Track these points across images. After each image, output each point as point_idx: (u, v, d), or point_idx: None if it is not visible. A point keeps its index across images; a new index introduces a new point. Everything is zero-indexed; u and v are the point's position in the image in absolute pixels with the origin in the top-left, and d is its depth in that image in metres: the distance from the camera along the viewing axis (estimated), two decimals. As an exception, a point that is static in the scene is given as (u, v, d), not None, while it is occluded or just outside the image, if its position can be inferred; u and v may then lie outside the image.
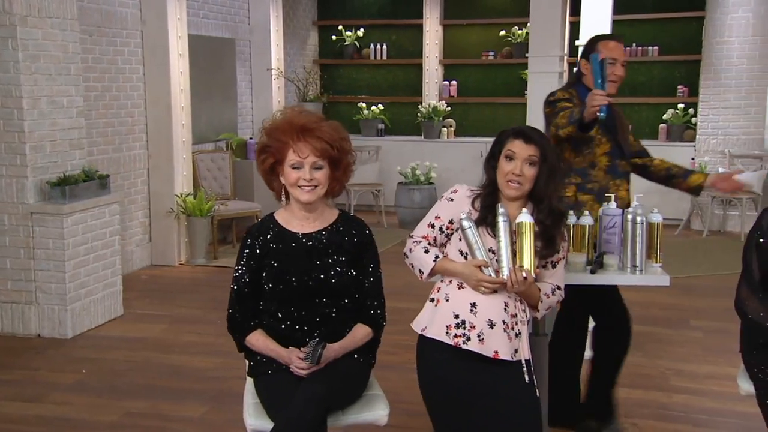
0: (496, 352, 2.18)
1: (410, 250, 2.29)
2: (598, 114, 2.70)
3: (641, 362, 4.11)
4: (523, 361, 2.23)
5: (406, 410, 3.62)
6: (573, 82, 3.21)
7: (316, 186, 2.27)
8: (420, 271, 2.28)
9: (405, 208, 7.87)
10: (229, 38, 7.22)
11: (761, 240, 2.23)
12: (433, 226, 2.29)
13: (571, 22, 7.13)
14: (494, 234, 2.21)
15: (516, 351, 2.21)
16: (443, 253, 2.28)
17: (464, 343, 2.17)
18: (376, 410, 2.28)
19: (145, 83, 5.96)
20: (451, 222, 2.27)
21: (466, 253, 2.23)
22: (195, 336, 4.51)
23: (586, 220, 2.70)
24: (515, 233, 2.19)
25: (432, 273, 2.27)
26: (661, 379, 3.89)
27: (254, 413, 2.22)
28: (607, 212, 2.79)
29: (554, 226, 2.27)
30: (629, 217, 2.69)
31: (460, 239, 2.24)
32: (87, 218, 4.54)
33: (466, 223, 2.19)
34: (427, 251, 2.26)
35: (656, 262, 2.73)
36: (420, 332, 2.28)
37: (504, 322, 2.20)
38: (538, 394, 2.27)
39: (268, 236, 2.34)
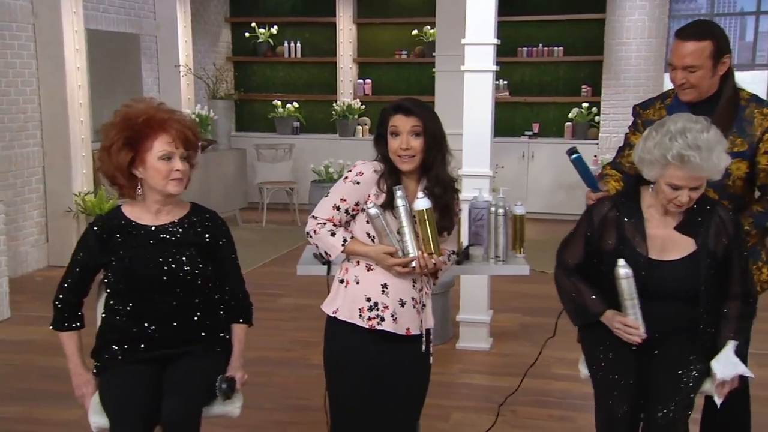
0: (408, 329, 2.24)
1: (314, 231, 2.23)
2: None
3: (527, 352, 4.21)
4: (424, 331, 2.30)
5: (294, 405, 3.64)
6: None
7: (183, 177, 2.23)
8: (326, 253, 2.25)
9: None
10: (134, 33, 7.06)
11: (589, 233, 2.32)
12: (338, 208, 2.23)
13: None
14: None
15: (421, 322, 2.29)
16: (350, 234, 2.25)
17: (378, 324, 2.20)
18: (230, 403, 2.26)
19: (39, 79, 5.77)
20: (357, 204, 2.23)
21: (374, 236, 2.23)
22: (84, 338, 4.38)
23: None
24: (416, 219, 2.19)
25: (338, 253, 2.25)
26: (544, 367, 3.99)
27: (98, 410, 2.19)
28: (475, 205, 2.86)
29: (446, 195, 2.26)
30: (492, 209, 2.77)
31: (367, 222, 2.22)
32: (-33, 218, 4.36)
33: (373, 212, 2.16)
34: (333, 234, 2.21)
35: (519, 253, 2.82)
36: (332, 314, 2.26)
37: (413, 298, 2.25)
38: (431, 361, 2.37)
39: (116, 231, 2.27)
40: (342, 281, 2.27)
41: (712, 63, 2.41)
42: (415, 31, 8.66)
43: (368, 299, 2.21)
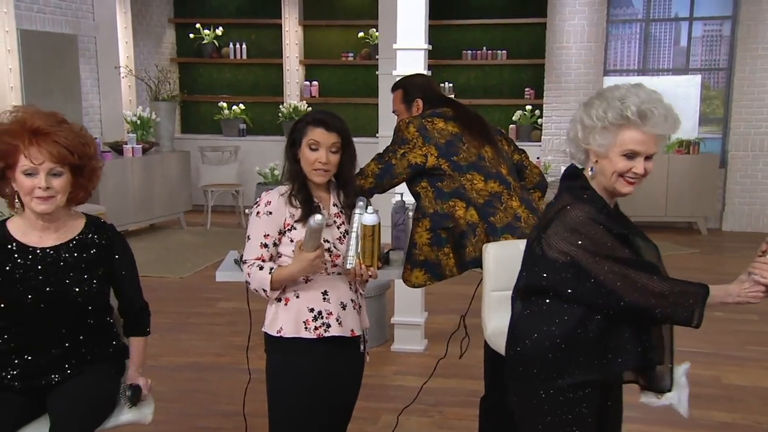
0: (353, 330, 2.27)
1: (248, 275, 2.20)
2: None
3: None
4: (363, 331, 2.33)
5: (222, 411, 3.62)
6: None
7: (53, 195, 2.06)
8: (263, 289, 2.20)
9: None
10: (71, 34, 6.92)
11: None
12: (265, 245, 2.21)
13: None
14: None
15: (360, 323, 2.32)
16: (275, 264, 2.24)
17: (326, 331, 2.21)
18: (140, 409, 2.24)
19: (-31, 80, 5.63)
20: (279, 232, 2.23)
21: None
22: None
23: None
24: (361, 233, 2.20)
25: (273, 286, 2.19)
26: (476, 368, 4.04)
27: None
28: (395, 210, 2.90)
29: (359, 198, 2.32)
30: (410, 214, 2.80)
31: (291, 241, 2.21)
32: None
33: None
34: (261, 268, 2.19)
35: (439, 257, 2.85)
36: (276, 335, 2.23)
37: (352, 300, 2.28)
38: (367, 360, 2.41)
39: None
40: (279, 300, 2.25)
41: (405, 106, 3.00)
42: (361, 34, 8.69)
43: (311, 310, 2.22)
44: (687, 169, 7.56)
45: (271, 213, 2.20)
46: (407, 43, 4.10)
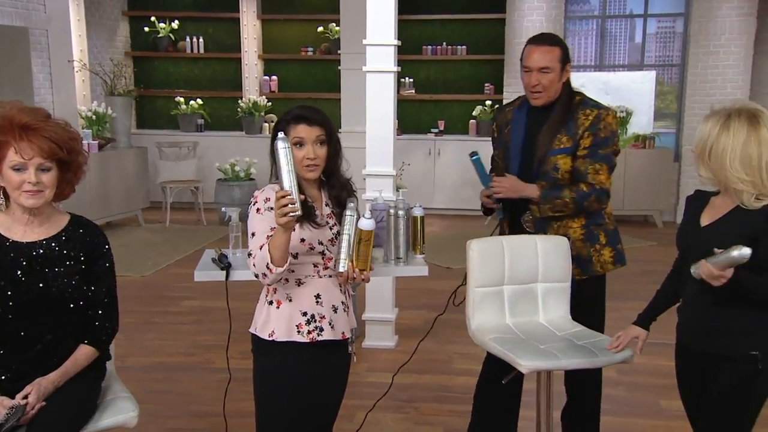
0: (344, 333, 2.26)
1: (253, 265, 2.10)
2: (495, 208, 2.85)
3: (433, 348, 4.30)
4: (351, 331, 2.31)
5: (194, 412, 3.56)
6: None
7: (42, 190, 2.07)
8: (266, 267, 2.06)
9: (225, 205, 7.70)
10: (21, 27, 6.67)
11: None
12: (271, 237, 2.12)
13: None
14: (317, 224, 2.19)
15: (349, 324, 2.30)
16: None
17: (319, 335, 2.18)
18: (123, 413, 2.18)
19: None
20: None
21: (305, 239, 2.17)
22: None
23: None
24: (357, 238, 2.16)
25: (273, 257, 2.06)
26: (447, 363, 4.10)
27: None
28: (376, 207, 2.88)
29: (349, 197, 2.29)
30: (392, 211, 2.79)
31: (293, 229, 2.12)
32: None
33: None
34: (261, 249, 2.11)
35: (419, 254, 2.86)
36: (268, 338, 2.19)
37: (343, 302, 2.26)
38: (354, 360, 2.39)
39: None
40: (271, 302, 2.22)
41: (560, 67, 2.72)
42: (320, 28, 8.62)
43: (304, 314, 2.19)
44: (643, 163, 7.74)
45: (272, 209, 2.12)
46: (377, 39, 4.10)
